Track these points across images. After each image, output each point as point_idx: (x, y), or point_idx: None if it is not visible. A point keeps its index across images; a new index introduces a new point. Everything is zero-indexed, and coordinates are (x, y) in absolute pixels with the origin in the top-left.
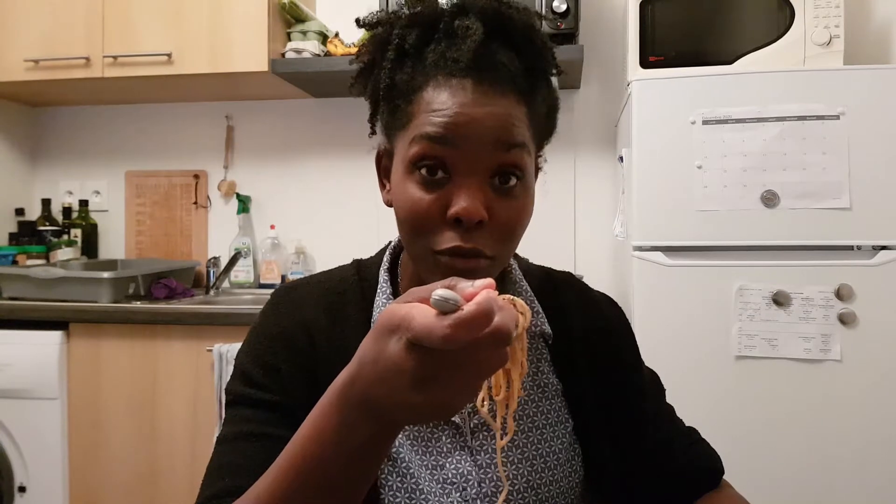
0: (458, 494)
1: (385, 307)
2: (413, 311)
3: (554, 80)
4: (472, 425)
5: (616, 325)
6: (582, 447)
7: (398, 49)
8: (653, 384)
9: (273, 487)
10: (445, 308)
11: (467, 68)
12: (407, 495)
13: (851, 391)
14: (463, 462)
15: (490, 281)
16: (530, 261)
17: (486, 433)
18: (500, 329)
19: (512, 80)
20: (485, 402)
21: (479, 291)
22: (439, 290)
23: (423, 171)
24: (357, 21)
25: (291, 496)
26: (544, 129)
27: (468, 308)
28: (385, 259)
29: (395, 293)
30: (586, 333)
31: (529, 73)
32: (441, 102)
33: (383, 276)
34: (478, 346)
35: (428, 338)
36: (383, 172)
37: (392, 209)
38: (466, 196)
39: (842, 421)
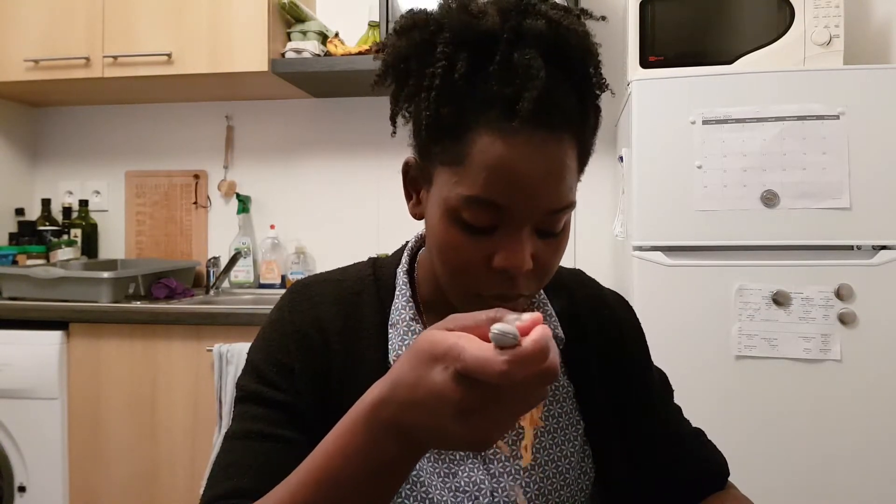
0: (471, 503)
1: (405, 310)
2: (463, 342)
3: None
4: None
5: (627, 326)
6: (592, 448)
7: (445, 73)
8: (662, 385)
9: (291, 499)
10: (504, 343)
11: (527, 115)
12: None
13: (851, 391)
14: (476, 471)
15: (539, 315)
16: None
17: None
18: (552, 367)
19: (568, 120)
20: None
21: (530, 325)
22: (498, 325)
23: (467, 220)
24: (394, 30)
25: None
26: (588, 156)
27: (527, 344)
28: (403, 261)
29: (414, 296)
30: (598, 335)
31: (582, 102)
32: (496, 157)
33: (402, 278)
34: (528, 383)
35: (483, 371)
36: (411, 183)
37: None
38: (515, 249)
39: (841, 421)
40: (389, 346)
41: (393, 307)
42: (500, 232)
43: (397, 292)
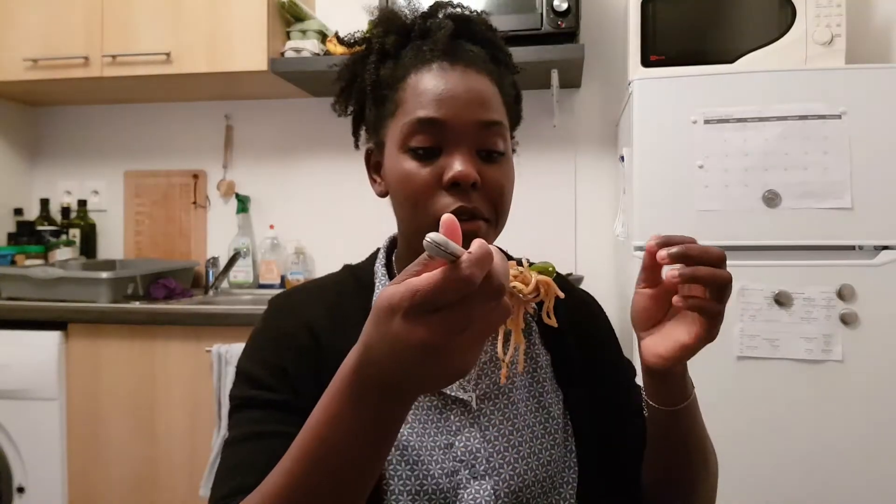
0: (468, 472)
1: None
2: (413, 282)
3: (554, 77)
4: (478, 400)
5: (594, 306)
6: (572, 419)
7: (379, 53)
8: (631, 367)
9: (287, 476)
10: (441, 254)
11: (443, 52)
12: (417, 483)
13: (853, 391)
14: (472, 439)
15: (482, 241)
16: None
17: (492, 406)
18: (494, 275)
19: (482, 62)
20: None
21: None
22: (431, 234)
23: (416, 147)
24: (337, 38)
25: (306, 482)
26: (514, 114)
27: (472, 248)
28: (380, 256)
29: None
30: (570, 310)
31: (494, 61)
32: (426, 84)
33: (381, 270)
34: (478, 300)
35: (440, 288)
36: (373, 168)
37: (385, 200)
38: (460, 162)
39: (843, 421)
40: None
41: (374, 298)
42: (444, 154)
43: (377, 282)
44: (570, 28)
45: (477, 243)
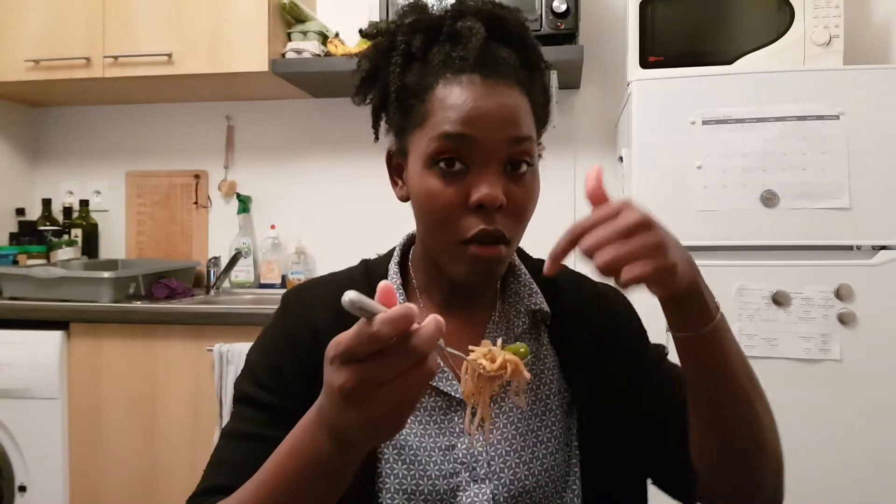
0: (468, 474)
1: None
2: (341, 335)
3: (553, 78)
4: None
5: (612, 300)
6: (579, 423)
7: (405, 54)
8: (657, 355)
9: (253, 495)
10: (356, 312)
11: (474, 64)
12: (413, 482)
13: (851, 391)
14: (475, 442)
15: (412, 306)
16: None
17: (497, 410)
18: (414, 337)
19: (514, 73)
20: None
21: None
22: (349, 293)
23: (442, 164)
24: (360, 31)
25: (272, 500)
26: (542, 119)
27: (393, 310)
28: (395, 254)
29: (405, 285)
30: (580, 306)
31: (526, 66)
32: (455, 98)
33: (393, 268)
34: (391, 356)
35: (355, 341)
36: (395, 170)
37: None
38: (486, 184)
39: (841, 421)
40: None
41: None
42: (471, 173)
43: (389, 281)
44: (569, 29)
45: (403, 306)
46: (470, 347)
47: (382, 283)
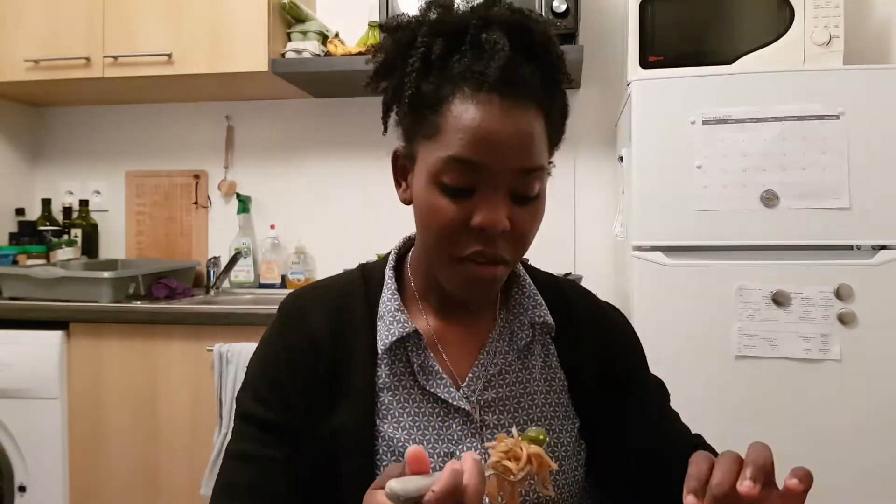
0: None
1: (390, 302)
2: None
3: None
4: (481, 410)
5: (618, 322)
6: (586, 441)
7: (424, 58)
8: (658, 387)
9: None
10: (405, 503)
11: (494, 83)
12: None
13: (851, 391)
14: (473, 450)
15: (455, 469)
16: (529, 262)
17: (496, 419)
18: (466, 499)
19: (534, 94)
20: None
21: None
22: (392, 484)
23: (449, 183)
24: (380, 26)
25: None
26: (557, 136)
27: (440, 481)
28: (391, 258)
29: (401, 289)
30: (590, 325)
31: (546, 83)
32: (469, 119)
33: (388, 273)
34: None
35: None
36: (400, 172)
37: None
38: (491, 209)
39: (841, 420)
40: (378, 337)
41: (381, 300)
42: (478, 194)
43: (384, 287)
44: (569, 29)
45: (447, 471)
46: (487, 445)
47: (411, 452)
